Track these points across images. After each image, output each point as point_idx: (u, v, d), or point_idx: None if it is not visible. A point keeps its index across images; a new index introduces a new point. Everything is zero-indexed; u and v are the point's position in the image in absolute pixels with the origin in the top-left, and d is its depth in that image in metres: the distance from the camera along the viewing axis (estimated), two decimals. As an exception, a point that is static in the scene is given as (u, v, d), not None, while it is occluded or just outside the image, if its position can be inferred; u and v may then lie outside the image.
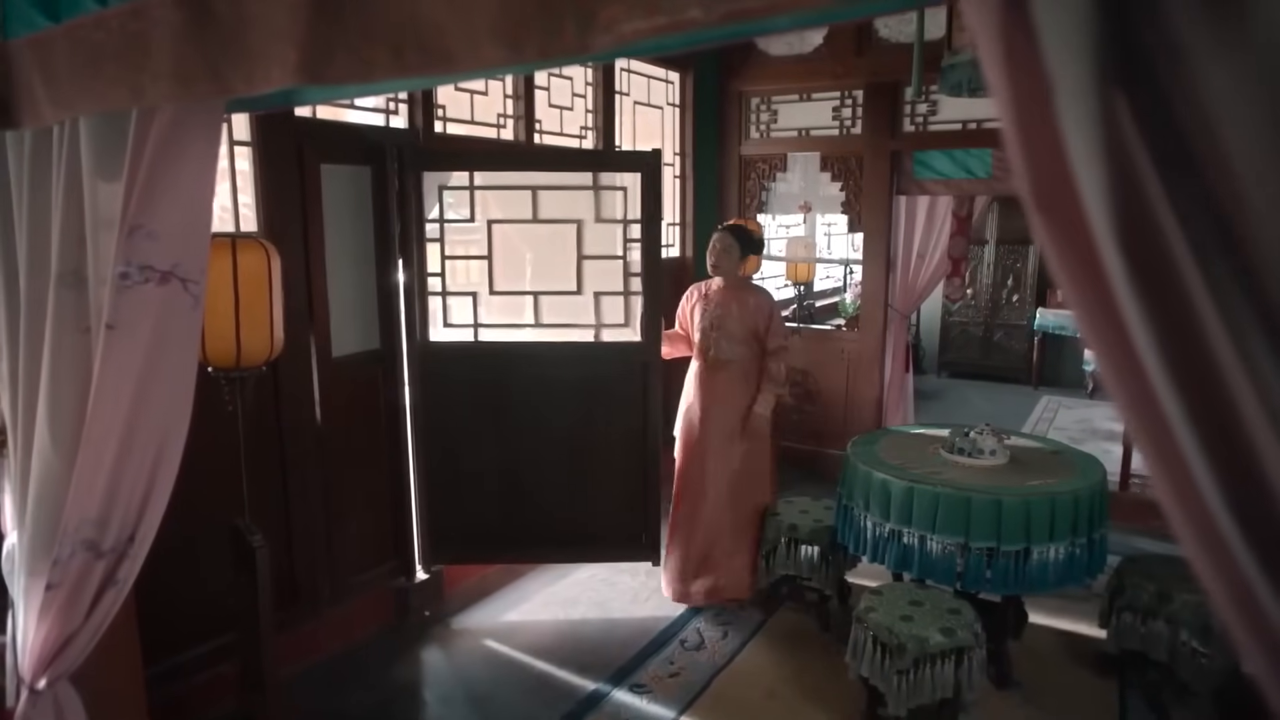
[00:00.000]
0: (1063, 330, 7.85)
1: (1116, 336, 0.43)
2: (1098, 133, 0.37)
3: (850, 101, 5.07)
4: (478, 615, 3.62)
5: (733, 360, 3.53)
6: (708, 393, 3.58)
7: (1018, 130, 0.41)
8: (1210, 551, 0.51)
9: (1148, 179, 0.37)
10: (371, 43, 0.68)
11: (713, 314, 3.55)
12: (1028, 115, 0.40)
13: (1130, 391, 0.44)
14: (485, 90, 3.80)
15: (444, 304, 3.49)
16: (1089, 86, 0.37)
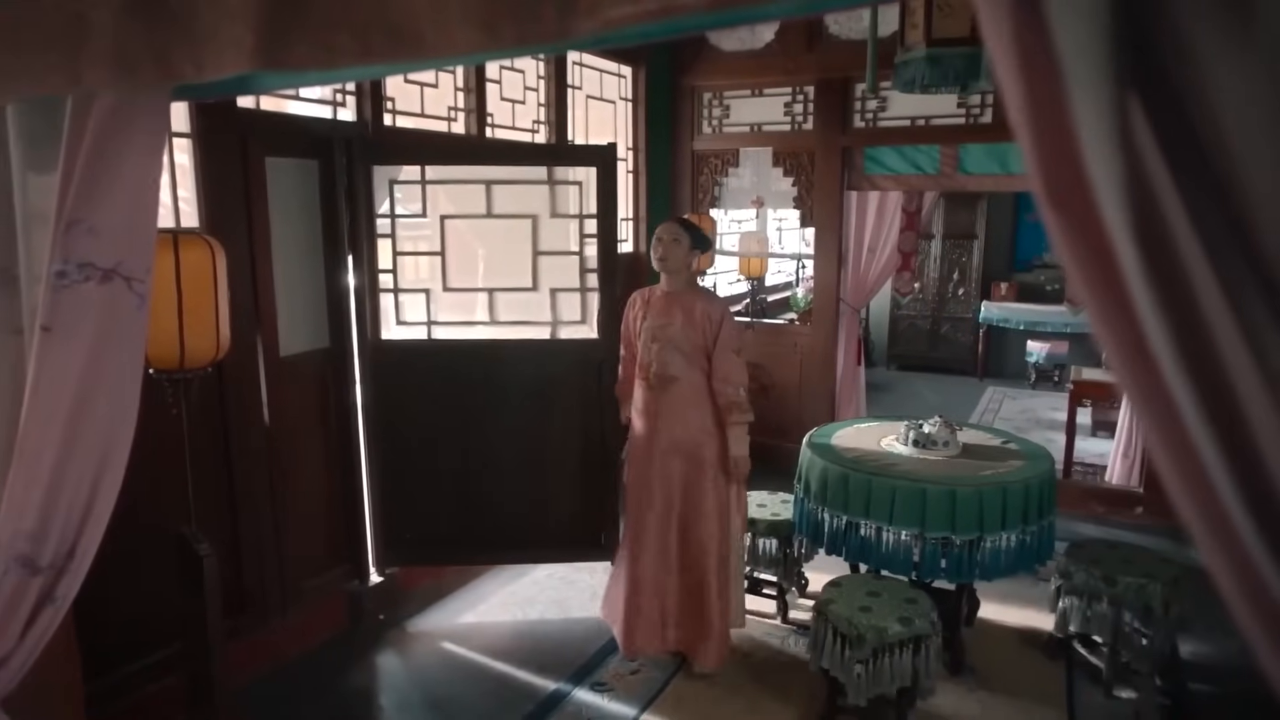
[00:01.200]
0: (1006, 323, 8.07)
1: (1128, 328, 0.42)
2: (1112, 128, 0.36)
3: (802, 97, 5.11)
4: (434, 617, 3.55)
5: (679, 377, 2.97)
6: (651, 419, 3.03)
7: (1030, 126, 0.40)
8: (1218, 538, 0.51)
9: (1161, 174, 0.37)
10: (335, 26, 0.64)
11: (654, 324, 3.00)
12: (1040, 111, 0.39)
13: (1141, 381, 0.44)
14: (435, 83, 3.72)
15: (396, 301, 3.41)
16: (1102, 83, 0.36)
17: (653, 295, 3.11)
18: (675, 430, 3.01)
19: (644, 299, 3.13)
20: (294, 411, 3.18)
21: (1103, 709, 2.91)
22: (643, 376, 3.05)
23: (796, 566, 3.54)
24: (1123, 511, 4.53)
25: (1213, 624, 3.42)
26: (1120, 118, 0.37)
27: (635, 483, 3.12)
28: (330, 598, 3.39)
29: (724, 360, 2.99)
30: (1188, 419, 0.44)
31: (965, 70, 2.54)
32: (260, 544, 3.07)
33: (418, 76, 3.62)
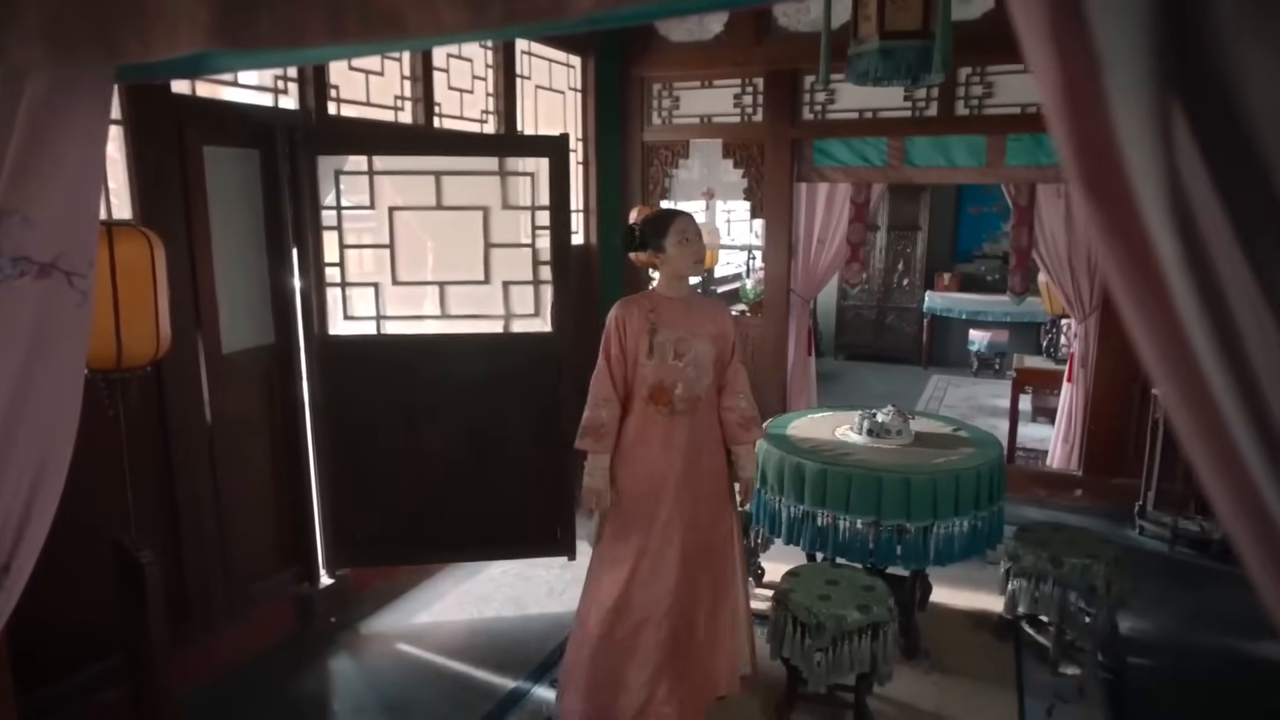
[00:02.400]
0: (949, 312, 8.25)
1: (1164, 317, 0.42)
2: (1151, 118, 0.35)
3: (751, 89, 5.12)
4: (388, 618, 3.48)
5: (703, 398, 2.56)
6: (675, 453, 2.53)
7: (1066, 116, 0.39)
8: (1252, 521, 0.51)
9: (1200, 163, 0.36)
10: (303, 2, 0.60)
11: (674, 336, 2.51)
12: (1076, 99, 0.38)
13: (1177, 369, 0.44)
14: (381, 70, 3.62)
15: (344, 295, 3.31)
16: (1142, 75, 0.35)
17: (659, 303, 2.55)
18: (703, 462, 2.58)
19: (646, 309, 2.54)
20: (238, 411, 3.07)
21: (1050, 686, 3.00)
22: (661, 402, 2.51)
23: (754, 557, 3.57)
24: (1063, 494, 4.68)
25: (1148, 600, 3.56)
26: (1160, 108, 0.36)
27: (642, 539, 2.53)
28: (279, 601, 3.29)
29: (738, 371, 2.66)
30: (1222, 403, 0.44)
31: (917, 63, 2.57)
32: (203, 548, 2.96)
33: (363, 64, 3.52)
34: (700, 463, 2.58)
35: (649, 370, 2.52)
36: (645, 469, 2.54)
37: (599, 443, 2.53)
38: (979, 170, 4.73)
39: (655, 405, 2.53)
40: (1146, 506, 4.31)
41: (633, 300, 2.62)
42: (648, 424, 2.54)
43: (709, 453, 2.61)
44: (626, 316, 2.56)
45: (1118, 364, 4.49)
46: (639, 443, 2.55)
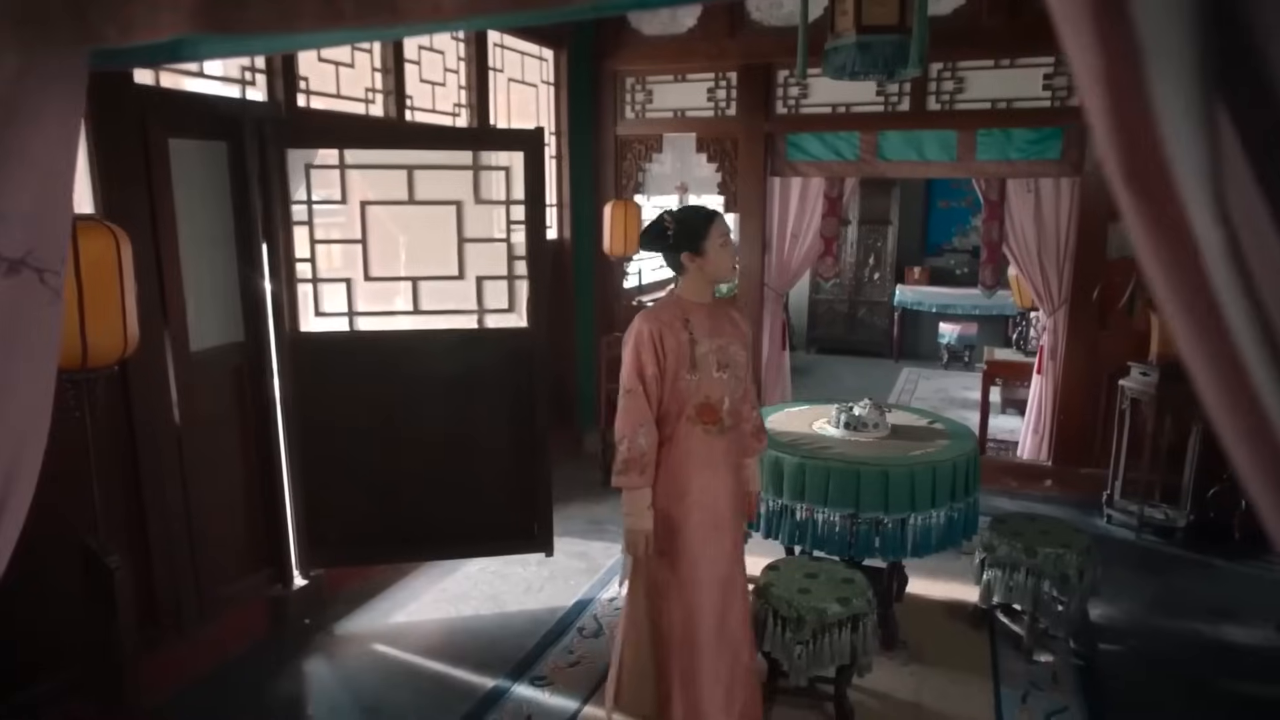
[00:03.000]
0: (919, 306, 8.34)
1: (1206, 312, 0.41)
2: (1195, 110, 0.35)
3: (724, 83, 5.12)
4: (363, 619, 3.43)
5: (740, 411, 2.43)
6: (726, 473, 2.39)
7: (1106, 106, 0.38)
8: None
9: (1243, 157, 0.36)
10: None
11: (714, 346, 2.31)
12: (1117, 90, 0.38)
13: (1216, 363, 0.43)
14: (352, 62, 3.55)
15: (315, 291, 3.25)
16: (1184, 61, 0.34)
17: (690, 311, 2.33)
18: (742, 482, 2.48)
19: (681, 318, 2.30)
20: (207, 410, 3.00)
21: (1024, 673, 3.04)
22: (710, 420, 2.31)
23: (731, 550, 3.57)
24: (1034, 485, 4.75)
25: (1117, 587, 3.63)
26: (1204, 99, 0.35)
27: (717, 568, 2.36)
28: (251, 604, 3.23)
29: (750, 381, 2.52)
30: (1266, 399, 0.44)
31: (894, 57, 2.58)
32: (173, 551, 2.89)
33: (333, 55, 3.45)
34: (741, 482, 2.49)
35: (692, 386, 2.28)
36: (702, 495, 2.33)
37: (642, 475, 2.25)
38: (950, 165, 4.77)
39: (704, 424, 2.30)
40: (1114, 495, 4.40)
41: (661, 310, 2.34)
42: (696, 445, 2.31)
43: (748, 469, 2.54)
44: (663, 329, 2.27)
45: (1086, 356, 4.57)
46: (688, 467, 2.32)
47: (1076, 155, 4.42)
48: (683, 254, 2.31)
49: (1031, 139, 4.51)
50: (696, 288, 2.35)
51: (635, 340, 2.28)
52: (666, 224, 2.31)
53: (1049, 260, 4.63)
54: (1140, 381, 4.17)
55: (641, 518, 2.27)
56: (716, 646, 2.37)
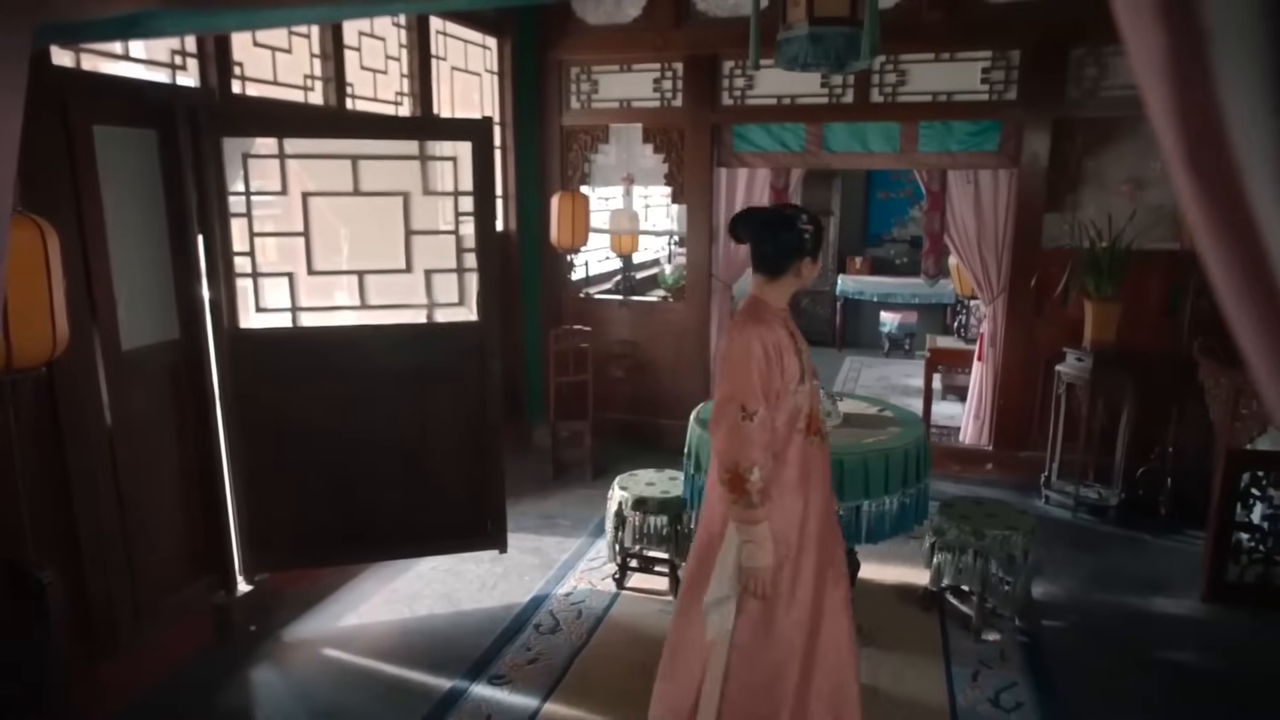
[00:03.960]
0: (861, 295, 8.49)
1: (1265, 299, 0.41)
2: (1262, 88, 0.34)
3: (671, 74, 5.10)
4: (312, 623, 3.33)
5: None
6: (828, 485, 2.31)
7: (1170, 89, 0.37)
8: None
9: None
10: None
11: (808, 358, 2.23)
12: (1181, 74, 0.37)
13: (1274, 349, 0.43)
14: (289, 48, 3.42)
15: (255, 286, 3.13)
16: (1251, 43, 0.34)
17: (783, 318, 2.19)
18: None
19: (782, 325, 2.16)
20: (142, 412, 2.86)
21: (973, 652, 3.13)
22: (815, 431, 2.22)
23: (687, 542, 3.57)
24: (975, 469, 4.89)
25: (1056, 565, 3.77)
26: (1273, 84, 0.35)
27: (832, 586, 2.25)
28: (194, 613, 3.10)
29: None
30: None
31: (846, 49, 2.59)
32: (107, 562, 2.75)
33: (269, 40, 3.32)
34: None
35: (802, 397, 2.15)
36: (817, 511, 2.21)
37: (765, 505, 2.07)
38: (893, 156, 4.85)
39: (810, 435, 2.19)
40: (1051, 477, 4.55)
41: (762, 316, 2.12)
42: (809, 460, 2.19)
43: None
44: (776, 339, 2.09)
45: (1024, 343, 4.71)
46: (805, 484, 2.19)
47: (1013, 147, 4.54)
48: (807, 259, 2.16)
49: (971, 131, 4.61)
50: (782, 294, 2.20)
51: (752, 356, 2.04)
52: (805, 223, 2.14)
53: (988, 250, 4.75)
54: (1075, 367, 4.32)
55: (768, 551, 2.08)
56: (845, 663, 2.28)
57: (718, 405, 2.09)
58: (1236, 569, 3.55)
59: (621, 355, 5.58)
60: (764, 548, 2.06)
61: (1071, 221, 4.48)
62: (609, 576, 3.68)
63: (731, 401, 2.04)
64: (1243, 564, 3.55)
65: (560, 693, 2.88)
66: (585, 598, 3.54)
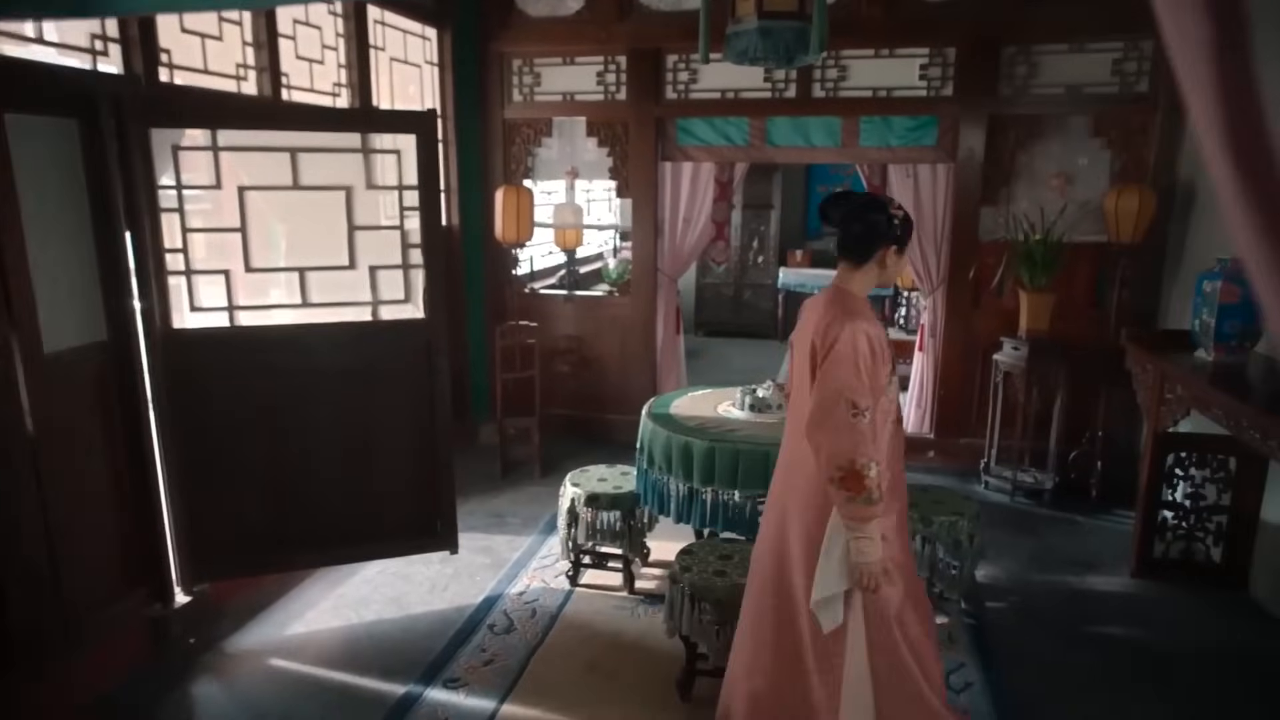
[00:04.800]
0: (802, 288, 8.60)
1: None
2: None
3: (614, 67, 5.07)
4: (256, 633, 3.21)
5: None
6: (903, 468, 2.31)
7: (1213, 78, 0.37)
8: None
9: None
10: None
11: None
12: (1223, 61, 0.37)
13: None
14: (219, 34, 3.28)
15: (189, 284, 2.99)
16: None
17: (870, 310, 2.19)
18: None
19: (874, 316, 2.17)
20: (67, 417, 2.71)
21: (922, 637, 3.20)
22: (898, 419, 2.25)
23: (640, 537, 3.58)
24: (918, 456, 5.01)
25: (997, 548, 3.89)
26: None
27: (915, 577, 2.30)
28: (127, 628, 2.96)
29: None
30: None
31: (795, 43, 2.61)
32: (31, 579, 2.59)
33: (198, 26, 3.17)
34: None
35: (894, 388, 2.18)
36: (900, 497, 2.25)
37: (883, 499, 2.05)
38: (835, 150, 4.93)
39: (897, 425, 2.22)
40: (990, 463, 4.70)
41: (858, 309, 2.11)
42: (896, 449, 2.21)
43: None
44: (879, 332, 2.08)
45: (963, 333, 4.85)
46: (898, 475, 2.22)
47: (950, 142, 4.66)
48: (893, 248, 2.14)
49: (910, 126, 4.71)
50: (865, 284, 2.18)
51: (859, 352, 2.02)
52: (896, 210, 2.14)
53: (927, 242, 4.87)
54: (1012, 355, 4.46)
55: (878, 545, 2.05)
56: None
57: (820, 405, 2.03)
58: (1162, 546, 3.73)
59: (567, 351, 5.54)
60: (875, 542, 2.04)
61: (1006, 215, 4.62)
62: (562, 574, 3.65)
63: (838, 399, 2.00)
64: (1168, 541, 3.72)
65: (517, 693, 2.84)
66: (539, 596, 3.50)
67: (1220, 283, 3.28)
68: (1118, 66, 4.43)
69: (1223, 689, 2.94)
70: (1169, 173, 4.38)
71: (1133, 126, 4.46)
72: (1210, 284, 3.34)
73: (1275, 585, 3.44)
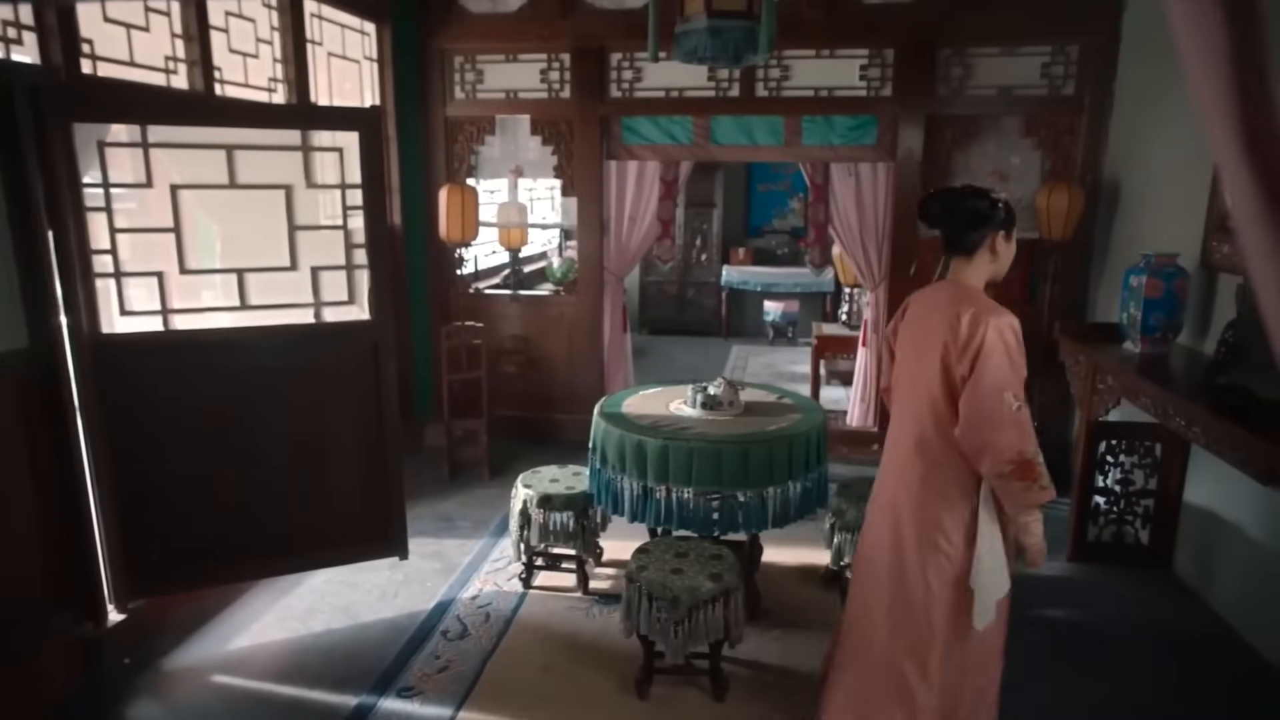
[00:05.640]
0: (745, 285, 8.71)
1: None
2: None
3: (558, 65, 5.04)
4: (198, 649, 3.09)
5: None
6: None
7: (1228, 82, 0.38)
8: None
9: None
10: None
11: None
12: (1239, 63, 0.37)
13: None
14: (146, 25, 3.14)
15: (119, 287, 2.86)
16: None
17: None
18: None
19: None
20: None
21: (873, 627, 3.26)
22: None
23: (594, 537, 3.56)
24: (863, 450, 5.11)
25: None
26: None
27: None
28: (54, 651, 2.80)
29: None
30: None
31: (744, 43, 2.63)
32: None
33: (123, 15, 3.03)
34: None
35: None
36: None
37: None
38: (779, 149, 4.99)
39: None
40: (932, 454, 4.81)
41: (988, 302, 2.12)
42: None
43: None
44: (1015, 322, 2.08)
45: (903, 328, 4.95)
46: None
47: (890, 141, 4.76)
48: (1000, 233, 2.14)
49: (851, 125, 4.80)
50: (981, 276, 2.19)
51: (1007, 345, 2.03)
52: (998, 195, 2.16)
53: (869, 239, 4.97)
54: (951, 349, 4.58)
55: (1041, 522, 2.12)
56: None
57: (979, 407, 2.02)
58: (1095, 530, 3.88)
59: (514, 351, 5.49)
60: (1040, 520, 2.10)
61: (944, 213, 4.74)
62: (515, 576, 3.61)
63: (999, 397, 2.00)
64: (1100, 525, 3.88)
65: (474, 699, 2.80)
66: (492, 600, 3.46)
67: (1145, 278, 3.43)
68: (1046, 70, 4.59)
69: (1154, 663, 3.08)
70: (1095, 172, 4.57)
71: (1061, 127, 4.64)
72: (1136, 279, 3.48)
73: (1196, 563, 3.62)
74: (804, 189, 8.69)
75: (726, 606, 2.74)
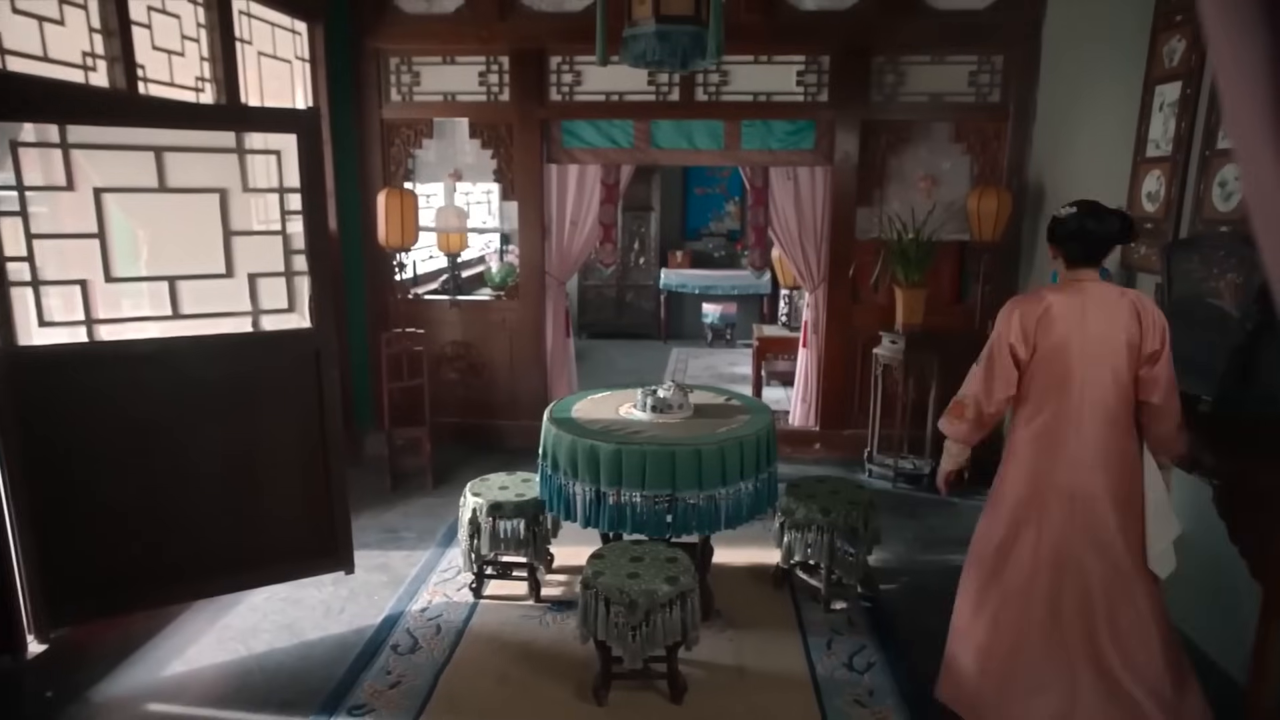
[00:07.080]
0: (683, 288, 8.76)
1: None
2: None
3: (497, 67, 4.98)
4: (129, 677, 2.93)
5: None
6: None
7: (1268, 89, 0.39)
8: None
9: None
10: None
11: None
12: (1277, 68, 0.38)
13: None
14: (61, 19, 2.97)
15: (37, 296, 2.70)
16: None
17: None
18: None
19: None
20: (-106, 451, 2.38)
21: (824, 622, 3.32)
22: None
23: (545, 544, 3.52)
24: (805, 449, 5.20)
25: (885, 532, 4.08)
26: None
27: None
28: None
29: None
30: None
31: (691, 47, 2.65)
32: None
33: (35, 7, 2.86)
34: None
35: None
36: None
37: None
38: (719, 153, 5.03)
39: None
40: (873, 452, 4.93)
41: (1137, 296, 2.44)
42: None
43: None
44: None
45: (843, 328, 5.07)
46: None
47: (827, 146, 4.86)
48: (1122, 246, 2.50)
49: (789, 130, 4.88)
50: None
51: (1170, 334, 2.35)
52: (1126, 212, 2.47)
53: (808, 242, 5.06)
54: (889, 349, 4.71)
55: None
56: None
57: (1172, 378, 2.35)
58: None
59: (455, 357, 5.40)
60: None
61: (880, 215, 4.87)
62: (465, 586, 3.55)
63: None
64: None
65: (428, 714, 2.73)
66: (442, 611, 3.39)
67: (1073, 277, 3.57)
68: (973, 78, 4.76)
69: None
70: (1021, 175, 4.75)
71: (988, 133, 4.81)
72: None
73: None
74: (740, 192, 8.82)
75: (683, 609, 2.74)
